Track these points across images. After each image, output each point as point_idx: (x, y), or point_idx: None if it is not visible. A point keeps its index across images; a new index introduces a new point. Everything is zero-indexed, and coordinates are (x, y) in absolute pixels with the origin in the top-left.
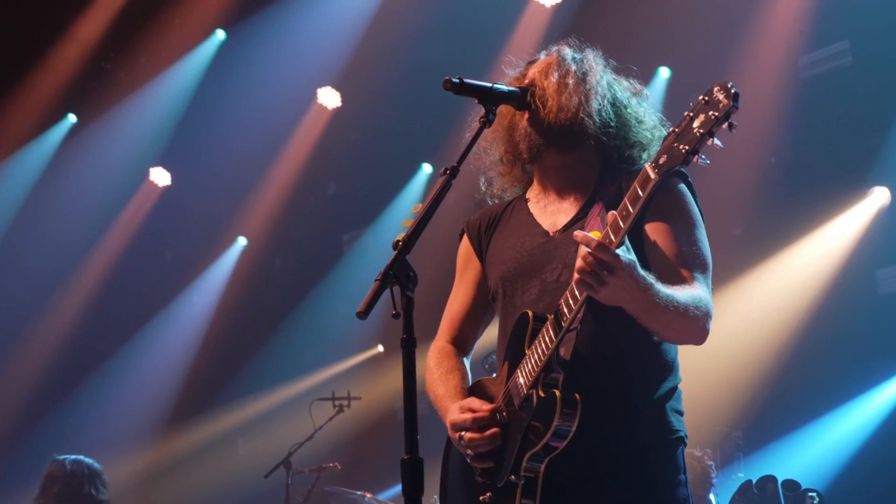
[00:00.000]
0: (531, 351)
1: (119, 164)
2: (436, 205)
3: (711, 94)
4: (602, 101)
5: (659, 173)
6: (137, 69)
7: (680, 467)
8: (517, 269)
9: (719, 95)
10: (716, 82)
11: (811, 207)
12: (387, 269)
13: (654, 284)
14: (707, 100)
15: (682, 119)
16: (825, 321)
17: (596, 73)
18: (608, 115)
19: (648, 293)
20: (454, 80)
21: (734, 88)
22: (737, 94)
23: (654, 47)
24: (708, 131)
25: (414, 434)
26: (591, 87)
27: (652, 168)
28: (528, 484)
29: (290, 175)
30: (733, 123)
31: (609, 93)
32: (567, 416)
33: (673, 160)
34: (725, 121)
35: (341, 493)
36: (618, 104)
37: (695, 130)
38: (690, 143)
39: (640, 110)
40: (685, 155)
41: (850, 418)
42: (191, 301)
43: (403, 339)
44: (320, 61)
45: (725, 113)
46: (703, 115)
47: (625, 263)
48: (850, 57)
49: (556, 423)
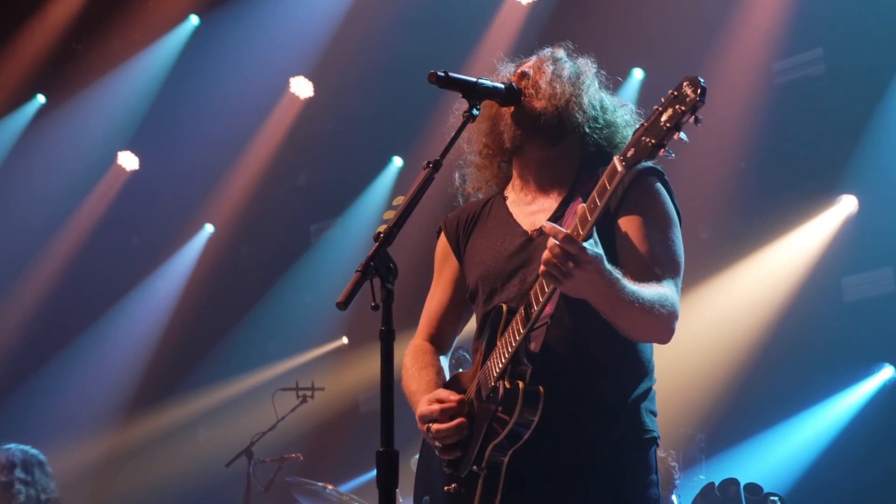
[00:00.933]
0: (501, 342)
1: (87, 147)
2: (418, 198)
3: (680, 88)
4: (592, 98)
5: (626, 166)
6: (109, 52)
7: (652, 467)
8: (496, 270)
9: (687, 90)
10: (685, 76)
11: (780, 213)
12: (367, 260)
13: (619, 280)
14: (676, 94)
15: (651, 113)
16: (790, 327)
17: (588, 75)
18: (597, 112)
19: (613, 288)
20: (440, 73)
21: (703, 83)
22: (704, 89)
23: (629, 49)
24: (675, 125)
25: (390, 426)
26: (583, 83)
27: (620, 161)
28: (490, 475)
29: (260, 164)
30: (699, 118)
31: (598, 95)
32: (529, 407)
33: (640, 152)
34: (692, 114)
35: (302, 484)
36: (605, 107)
37: (662, 124)
38: (657, 136)
39: (626, 118)
40: (651, 148)
41: (813, 424)
42: (155, 287)
43: (382, 330)
44: (294, 50)
45: (692, 107)
46: (671, 108)
47: (591, 256)
48: (822, 65)
49: (517, 415)
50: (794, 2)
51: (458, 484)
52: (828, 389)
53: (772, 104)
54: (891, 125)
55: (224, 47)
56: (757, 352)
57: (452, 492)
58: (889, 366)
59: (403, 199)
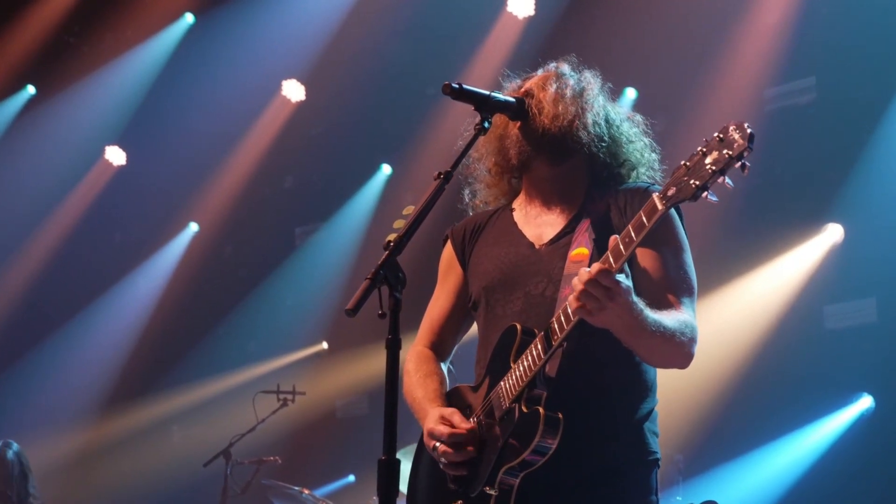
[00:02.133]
0: (516, 365)
1: (75, 140)
2: (428, 208)
3: (727, 132)
4: (597, 116)
5: (667, 205)
6: (102, 46)
7: (652, 488)
8: (500, 280)
9: (735, 135)
10: (731, 121)
11: (765, 239)
12: (378, 268)
13: (644, 310)
14: (721, 138)
15: (693, 154)
16: (772, 353)
17: (593, 91)
18: (601, 130)
19: (639, 318)
20: (454, 85)
21: (750, 129)
22: (752, 136)
23: (622, 68)
24: (720, 169)
25: (393, 434)
26: (587, 101)
27: (660, 199)
28: (501, 496)
29: (248, 164)
30: (746, 164)
31: (603, 111)
32: (548, 434)
33: (682, 193)
34: (739, 161)
35: (279, 488)
36: (610, 122)
37: (707, 167)
38: (702, 178)
39: (631, 132)
40: (695, 190)
41: (791, 450)
42: (137, 284)
43: (389, 339)
44: (289, 53)
45: (740, 153)
46: (716, 152)
47: (624, 289)
48: (814, 93)
49: (536, 441)
50: (789, 29)
51: (465, 502)
52: (807, 416)
53: (762, 130)
54: (880, 155)
55: (218, 47)
56: (738, 376)
57: None
58: (867, 395)
59: (414, 208)
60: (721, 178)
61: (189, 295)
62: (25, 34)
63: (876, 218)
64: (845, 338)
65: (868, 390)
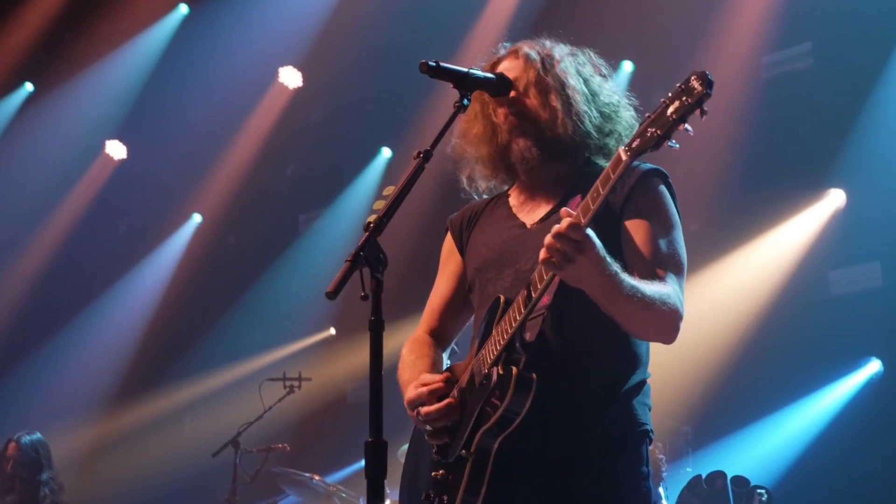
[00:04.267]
0: (497, 331)
1: (75, 136)
2: (408, 188)
3: (688, 82)
4: (587, 105)
5: (631, 155)
6: (98, 40)
7: (643, 459)
8: (492, 260)
9: (695, 83)
10: (693, 71)
11: (768, 207)
12: (357, 250)
13: (619, 273)
14: (683, 87)
15: (658, 105)
16: (778, 320)
17: (571, 75)
18: (596, 119)
19: (613, 280)
20: (430, 63)
21: (710, 76)
22: (711, 82)
23: (618, 41)
24: (680, 117)
25: (379, 416)
26: (571, 95)
27: (624, 151)
28: (479, 461)
29: (249, 153)
30: (705, 110)
31: (585, 88)
32: (520, 393)
33: (644, 143)
34: (698, 107)
35: (289, 475)
36: (594, 96)
37: (668, 116)
38: (663, 127)
39: (613, 97)
40: (657, 139)
41: (800, 417)
42: (143, 276)
43: (372, 320)
44: (284, 40)
45: (698, 99)
46: (677, 101)
47: (593, 243)
48: (811, 59)
49: (508, 400)
50: None
51: (445, 469)
52: (815, 383)
53: (760, 98)
54: (879, 119)
55: (213, 36)
56: (745, 345)
57: (440, 477)
58: (876, 359)
59: (394, 188)
60: (681, 125)
61: (195, 285)
62: (21, 31)
63: (877, 181)
64: (851, 302)
65: (876, 354)
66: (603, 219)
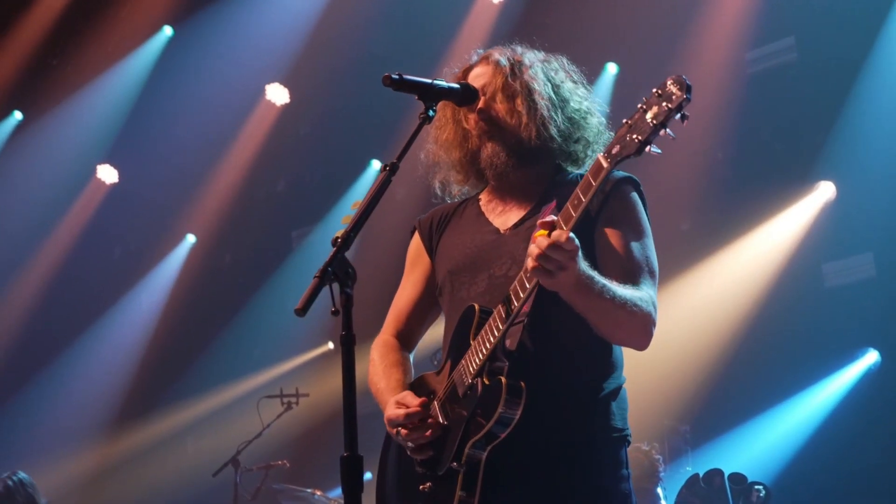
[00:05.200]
0: (477, 342)
1: (66, 162)
2: (375, 201)
3: (665, 86)
4: (554, 111)
5: (612, 162)
6: (84, 66)
7: (622, 462)
8: (465, 264)
9: (673, 88)
10: (669, 76)
11: (758, 202)
12: (325, 265)
13: (592, 273)
14: (660, 92)
15: (635, 111)
16: (772, 315)
17: (539, 81)
18: (564, 125)
19: (585, 278)
20: (394, 76)
21: (687, 81)
22: (689, 87)
23: (601, 43)
24: (661, 122)
25: (353, 431)
26: (541, 103)
27: (605, 158)
28: (469, 472)
29: (239, 171)
30: (686, 115)
31: (555, 96)
32: (511, 403)
33: (625, 149)
34: (678, 112)
35: (290, 491)
36: (563, 102)
37: (648, 121)
38: (643, 133)
39: (583, 103)
40: (638, 144)
41: (797, 412)
42: (139, 298)
43: (342, 335)
44: (269, 57)
45: (678, 104)
46: (656, 106)
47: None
48: (795, 53)
49: (500, 410)
50: None
51: (433, 483)
52: (812, 376)
53: (746, 94)
54: (865, 110)
55: (198, 57)
56: (739, 341)
57: (428, 490)
58: (873, 350)
59: (361, 202)
60: (663, 130)
61: (191, 305)
62: (7, 60)
63: (866, 172)
64: (846, 294)
65: (873, 345)
66: (577, 223)
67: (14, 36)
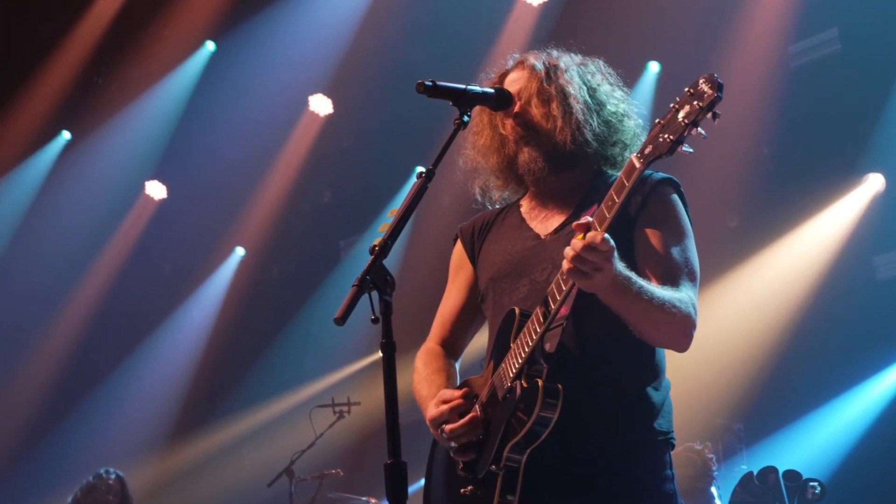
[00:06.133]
0: (516, 344)
1: (114, 179)
2: (412, 209)
3: (697, 85)
4: (589, 114)
5: (644, 162)
6: (129, 83)
7: (667, 464)
8: (507, 270)
9: (704, 87)
10: (701, 75)
11: (806, 196)
12: (363, 274)
13: (630, 274)
14: (692, 91)
15: (667, 111)
16: (823, 310)
17: (574, 84)
18: (600, 129)
19: (622, 279)
20: (427, 83)
21: (719, 79)
22: (721, 85)
23: (642, 42)
24: (692, 121)
25: (396, 438)
26: (576, 107)
27: (637, 158)
28: (508, 475)
29: (285, 183)
30: (717, 113)
31: (591, 99)
32: (549, 405)
33: (658, 149)
34: (710, 111)
35: (344, 500)
36: (600, 105)
37: (680, 121)
38: (675, 132)
39: (620, 106)
40: (670, 144)
41: (851, 407)
42: (191, 312)
43: (383, 343)
44: (311, 68)
45: (710, 103)
46: (688, 105)
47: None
48: (838, 44)
49: (537, 412)
50: None
51: (474, 486)
52: (866, 370)
53: (790, 87)
54: None
55: (241, 70)
56: (792, 337)
57: (469, 494)
58: None
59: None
60: (694, 129)
61: (242, 318)
62: (53, 80)
63: None
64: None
65: None
66: (616, 225)
67: (58, 57)
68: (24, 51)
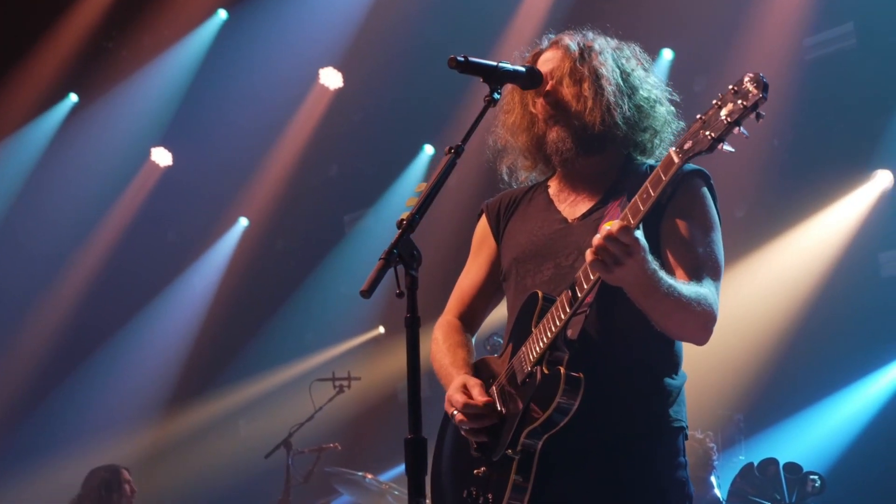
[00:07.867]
0: (538, 329)
1: (120, 144)
2: (440, 184)
3: (742, 84)
4: (620, 98)
5: (683, 157)
6: (139, 49)
7: (679, 450)
8: (532, 252)
9: (750, 86)
10: (747, 73)
11: (814, 190)
12: (391, 247)
13: (658, 270)
14: (737, 90)
15: (709, 107)
16: (828, 304)
17: (608, 67)
18: (631, 113)
19: (652, 277)
20: (459, 58)
21: (765, 79)
22: (766, 86)
23: (657, 29)
24: (736, 120)
25: (417, 413)
26: (608, 88)
27: (676, 153)
28: (523, 459)
29: (292, 156)
30: (761, 114)
31: (624, 83)
32: (569, 393)
33: (698, 145)
34: (754, 111)
35: (342, 474)
36: (632, 90)
37: (723, 119)
38: (717, 130)
39: (653, 92)
40: (711, 141)
41: (853, 401)
42: (192, 282)
43: (407, 317)
44: (323, 41)
45: (754, 103)
46: (731, 104)
47: (642, 246)
48: (854, 39)
49: (558, 400)
50: None
51: (488, 467)
52: (867, 366)
53: (804, 80)
54: None
55: (252, 40)
56: (794, 330)
57: (482, 475)
58: None
59: (426, 185)
60: (736, 128)
61: (243, 289)
62: (63, 43)
63: None
64: None
65: None
66: (645, 217)
67: (70, 19)
68: (37, 11)
